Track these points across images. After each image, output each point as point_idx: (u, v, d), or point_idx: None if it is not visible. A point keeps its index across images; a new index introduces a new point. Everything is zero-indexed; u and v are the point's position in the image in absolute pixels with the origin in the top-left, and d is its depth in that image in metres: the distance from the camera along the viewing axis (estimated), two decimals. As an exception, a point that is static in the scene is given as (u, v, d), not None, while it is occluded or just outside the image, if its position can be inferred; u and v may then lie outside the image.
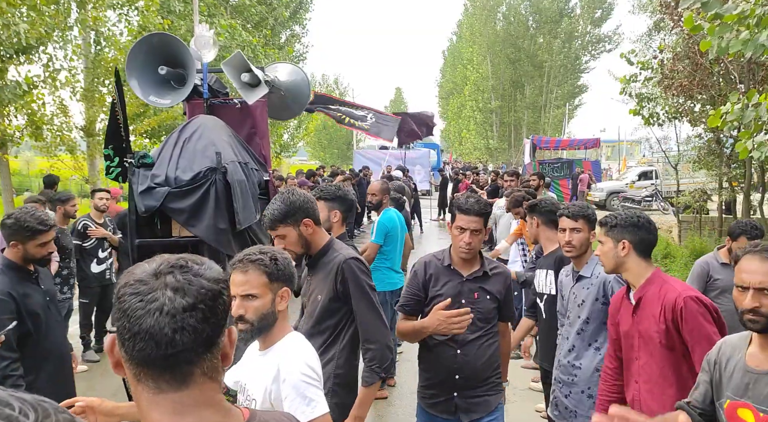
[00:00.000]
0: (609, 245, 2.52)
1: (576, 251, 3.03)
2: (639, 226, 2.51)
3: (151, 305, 0.92)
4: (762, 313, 1.75)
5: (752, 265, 1.79)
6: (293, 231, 2.48)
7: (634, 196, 20.57)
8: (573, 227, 3.02)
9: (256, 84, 4.14)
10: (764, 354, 1.82)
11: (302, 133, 24.40)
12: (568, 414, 2.96)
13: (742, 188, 11.14)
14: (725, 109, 5.71)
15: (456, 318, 2.52)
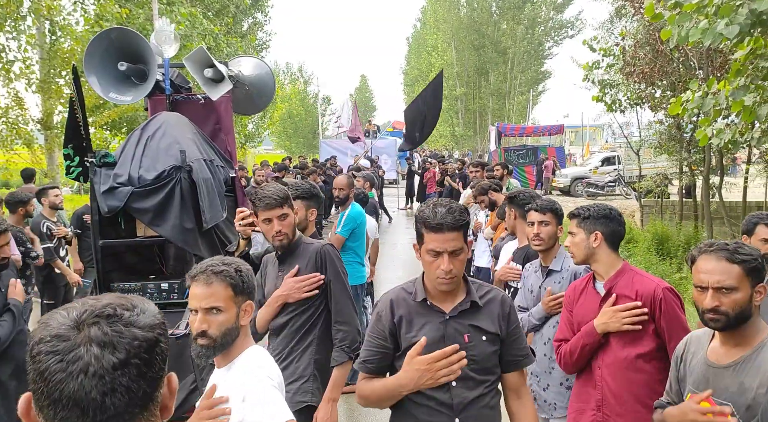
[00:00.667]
0: (581, 236, 2.55)
1: (544, 244, 3.04)
2: (611, 219, 2.57)
3: (74, 366, 0.77)
4: (722, 312, 1.78)
5: (709, 265, 1.81)
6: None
7: (597, 181, 20.98)
8: (541, 220, 3.05)
9: (219, 79, 4.05)
10: (724, 349, 1.87)
11: (267, 123, 24.10)
12: (547, 407, 2.98)
13: (702, 172, 11.45)
14: (686, 97, 5.84)
15: (442, 361, 1.85)
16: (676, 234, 12.72)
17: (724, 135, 6.01)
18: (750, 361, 1.78)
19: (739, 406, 1.77)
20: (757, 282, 1.79)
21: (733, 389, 1.79)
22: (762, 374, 1.73)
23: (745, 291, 1.77)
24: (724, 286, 1.77)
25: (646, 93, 12.68)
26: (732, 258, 1.78)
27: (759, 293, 1.79)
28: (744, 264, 1.77)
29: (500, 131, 23.20)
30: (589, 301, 2.58)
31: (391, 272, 9.98)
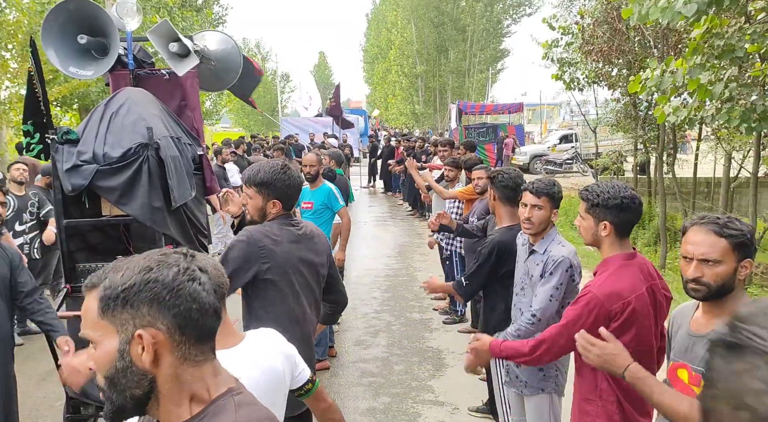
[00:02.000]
0: (590, 222, 2.37)
1: (534, 228, 2.90)
2: (623, 209, 2.31)
3: (207, 286, 1.09)
4: (703, 283, 1.83)
5: (698, 237, 1.84)
6: (259, 201, 2.64)
7: (555, 159, 21.38)
8: (534, 204, 2.88)
9: (185, 54, 3.93)
10: (705, 318, 1.93)
11: (225, 100, 23.52)
12: (518, 383, 3.04)
13: (656, 150, 11.80)
14: (645, 75, 5.98)
15: None
16: (631, 210, 13.11)
17: (680, 112, 6.20)
18: None
19: None
20: (743, 257, 1.82)
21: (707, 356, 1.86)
22: None
23: (729, 265, 1.80)
24: (708, 258, 1.81)
25: (604, 71, 12.90)
26: (720, 232, 1.81)
27: (744, 268, 1.82)
28: (731, 238, 1.80)
29: (461, 109, 23.28)
30: None
31: (355, 251, 10.00)
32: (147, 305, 1.03)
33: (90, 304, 1.11)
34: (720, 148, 11.16)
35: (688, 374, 1.91)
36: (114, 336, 1.05)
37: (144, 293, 1.03)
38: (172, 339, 1.05)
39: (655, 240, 11.77)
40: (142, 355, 1.04)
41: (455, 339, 6.00)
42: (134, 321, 1.04)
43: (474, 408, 4.49)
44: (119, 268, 1.07)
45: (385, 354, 5.64)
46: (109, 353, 1.05)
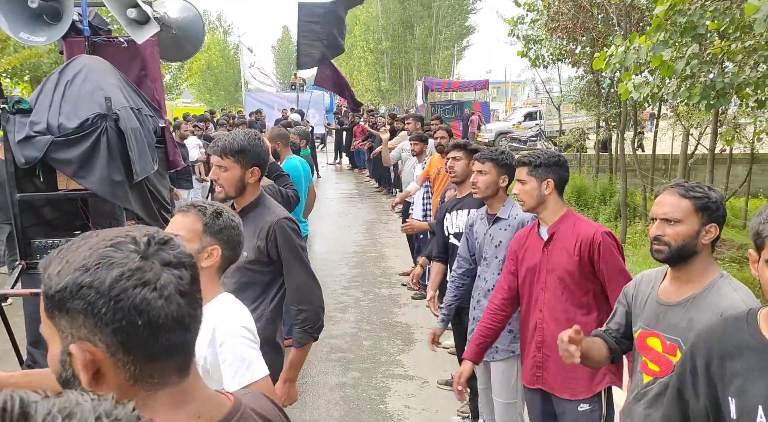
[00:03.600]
0: (533, 184, 2.58)
1: (480, 193, 3.10)
2: (560, 165, 2.63)
3: (166, 291, 0.82)
4: (664, 242, 1.86)
5: (663, 199, 1.91)
6: (238, 171, 2.41)
7: (520, 136, 21.60)
8: (479, 169, 3.10)
9: (144, 21, 3.76)
10: (673, 286, 1.95)
11: (186, 74, 22.86)
12: (491, 350, 3.10)
13: (617, 126, 12.01)
14: (610, 51, 6.02)
15: None
16: (593, 187, 13.39)
17: (643, 89, 6.30)
18: (701, 299, 1.86)
19: (687, 340, 1.83)
20: (708, 221, 1.86)
21: (683, 325, 1.87)
22: (714, 309, 1.80)
23: (690, 226, 1.85)
24: (669, 218, 1.86)
25: (568, 49, 13.01)
26: (684, 194, 1.86)
27: (708, 232, 1.86)
28: (695, 200, 1.85)
29: (427, 86, 23.22)
30: (533, 246, 2.66)
31: (321, 227, 9.95)
32: (82, 315, 0.79)
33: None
34: (679, 125, 11.42)
35: (661, 343, 1.94)
36: (57, 341, 0.83)
37: (77, 301, 0.79)
38: (115, 358, 0.82)
39: (615, 216, 12.04)
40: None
41: (424, 314, 6.02)
42: (71, 330, 0.81)
43: (443, 381, 4.53)
44: (62, 258, 0.83)
45: (354, 329, 5.64)
46: (54, 357, 0.84)
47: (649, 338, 1.97)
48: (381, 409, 4.18)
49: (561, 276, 2.54)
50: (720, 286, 1.86)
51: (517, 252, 2.73)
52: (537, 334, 2.68)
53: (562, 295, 2.55)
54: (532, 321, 2.69)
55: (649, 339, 1.97)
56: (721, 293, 1.83)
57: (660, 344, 1.93)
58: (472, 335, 3.12)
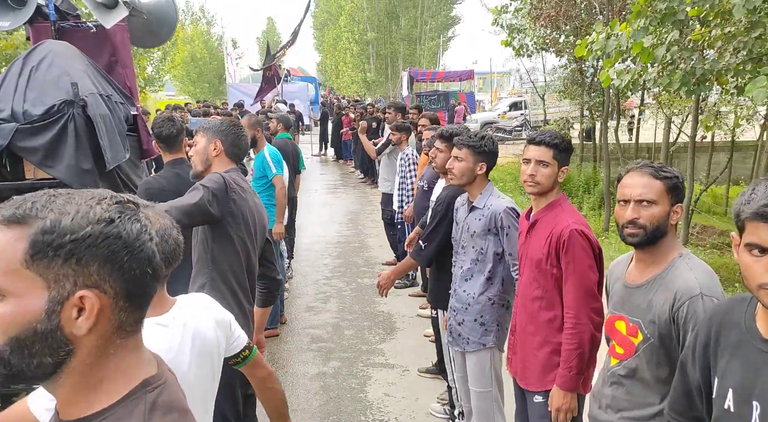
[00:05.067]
0: (554, 169, 2.45)
1: (456, 179, 3.00)
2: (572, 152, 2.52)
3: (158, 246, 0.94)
4: (640, 225, 1.83)
5: (633, 180, 1.87)
6: (203, 141, 2.60)
7: (505, 126, 21.62)
8: (456, 155, 3.00)
9: (113, 5, 3.66)
10: (639, 269, 1.94)
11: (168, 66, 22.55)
12: (461, 341, 3.07)
13: (600, 115, 12.03)
14: (591, 39, 6.01)
15: None
16: (577, 175, 13.43)
17: (624, 76, 6.29)
18: (660, 279, 1.85)
19: (646, 322, 1.85)
20: (676, 201, 1.85)
21: (643, 306, 1.86)
22: (669, 290, 1.80)
23: (663, 207, 1.83)
24: (645, 199, 1.83)
25: (552, 38, 13.00)
26: (655, 175, 1.84)
27: (675, 213, 1.85)
28: (666, 180, 1.83)
29: (412, 76, 23.14)
30: (522, 230, 2.61)
31: (306, 218, 9.88)
32: (99, 263, 0.84)
33: (6, 245, 0.83)
34: (661, 113, 11.46)
35: (626, 325, 1.93)
36: (40, 292, 0.83)
37: (101, 249, 0.84)
38: (116, 305, 0.88)
39: (599, 205, 12.09)
40: (77, 320, 0.85)
41: (406, 303, 6.01)
42: (76, 278, 0.84)
43: (423, 369, 4.52)
44: (63, 209, 0.84)
45: (335, 319, 5.61)
46: (28, 310, 0.83)
47: (617, 321, 1.96)
48: (361, 398, 4.16)
49: (533, 264, 2.49)
50: (678, 266, 1.84)
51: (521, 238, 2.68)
52: (513, 318, 2.67)
53: (531, 284, 2.51)
54: (514, 305, 2.69)
55: (617, 322, 1.96)
56: (677, 273, 1.82)
57: (624, 326, 1.93)
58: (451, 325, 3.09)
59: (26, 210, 0.84)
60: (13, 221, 0.84)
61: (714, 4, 5.30)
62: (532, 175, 2.45)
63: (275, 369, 4.59)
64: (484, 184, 3.02)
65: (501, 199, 2.97)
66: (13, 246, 0.83)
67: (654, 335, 1.82)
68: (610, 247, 8.81)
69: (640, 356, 1.87)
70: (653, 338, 1.83)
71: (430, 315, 5.38)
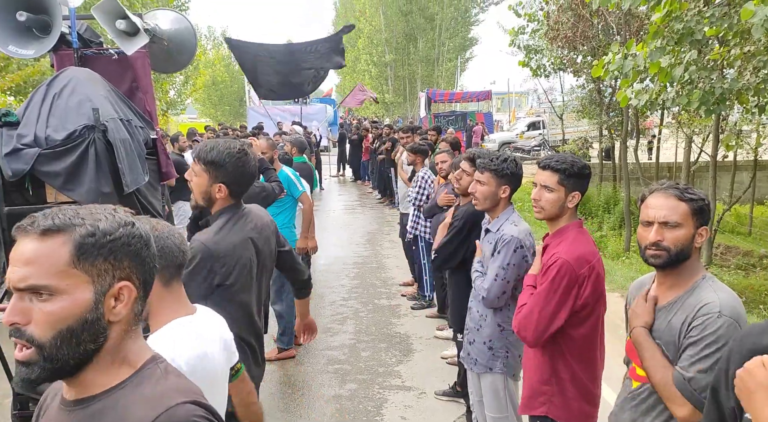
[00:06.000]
0: (560, 194, 2.37)
1: (480, 204, 2.92)
2: (588, 177, 2.45)
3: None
4: (663, 247, 1.80)
5: (658, 201, 1.83)
6: (205, 180, 2.36)
7: (523, 145, 21.57)
8: (478, 179, 2.93)
9: (134, 32, 3.75)
10: (660, 291, 1.90)
11: (190, 89, 23.02)
12: (470, 361, 3.05)
13: (619, 135, 11.95)
14: (607, 59, 5.99)
15: None
16: (597, 195, 13.32)
17: (642, 96, 6.25)
18: (682, 301, 1.81)
19: (666, 344, 1.81)
20: (701, 224, 1.81)
21: (662, 327, 1.83)
22: (687, 310, 1.77)
23: (688, 230, 1.79)
24: (669, 221, 1.79)
25: (569, 58, 13.02)
26: (680, 196, 1.80)
27: (701, 235, 1.81)
28: (692, 202, 1.79)
29: (430, 97, 23.27)
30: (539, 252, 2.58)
31: (324, 238, 9.90)
32: (129, 258, 1.04)
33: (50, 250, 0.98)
34: (681, 133, 11.35)
35: None
36: (87, 286, 1.00)
37: (131, 247, 1.04)
38: (138, 294, 1.07)
39: (620, 225, 11.95)
40: (115, 308, 1.03)
41: (423, 324, 5.97)
42: (114, 272, 1.03)
43: (440, 391, 4.46)
44: (94, 216, 1.03)
45: (352, 340, 5.58)
46: (80, 304, 0.99)
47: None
48: (377, 421, 4.11)
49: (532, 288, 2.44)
50: (701, 287, 1.80)
51: None
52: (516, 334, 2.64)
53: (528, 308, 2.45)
54: None
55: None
56: (701, 294, 1.78)
57: None
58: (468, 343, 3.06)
59: (62, 220, 1.00)
60: (53, 230, 1.00)
61: (732, 24, 5.27)
62: (536, 200, 2.41)
63: (291, 391, 4.57)
64: (505, 207, 2.95)
65: (514, 226, 2.86)
66: (59, 251, 0.99)
67: (674, 357, 1.78)
68: (631, 268, 8.67)
69: None
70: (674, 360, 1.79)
71: (447, 337, 5.35)
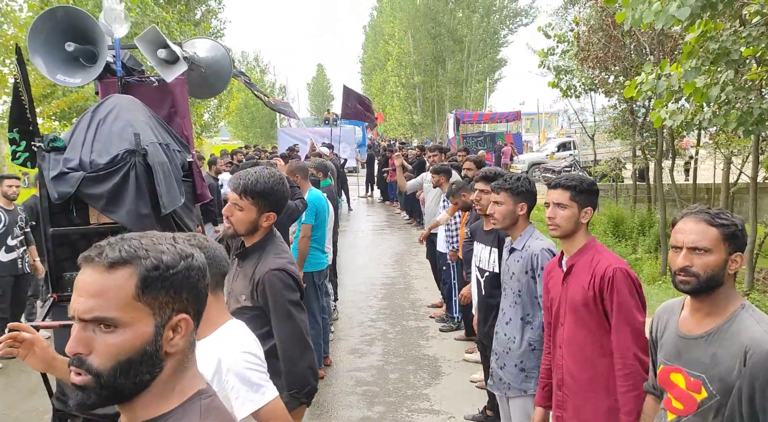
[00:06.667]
0: (573, 210, 2.46)
1: (499, 223, 3.03)
2: (598, 193, 2.56)
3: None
4: (692, 272, 1.77)
5: (688, 226, 1.81)
6: (254, 213, 2.32)
7: (554, 166, 21.35)
8: (495, 200, 3.03)
9: (173, 60, 3.89)
10: (694, 319, 1.85)
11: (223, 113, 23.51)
12: (502, 386, 3.04)
13: (654, 156, 11.76)
14: (640, 79, 5.95)
15: None
16: (631, 217, 13.07)
17: (677, 117, 6.17)
18: (723, 332, 1.76)
19: (711, 378, 1.75)
20: (734, 250, 1.78)
21: (705, 360, 1.77)
22: (737, 344, 1.71)
23: (718, 256, 1.76)
24: (698, 246, 1.77)
25: (600, 78, 12.91)
26: (711, 222, 1.78)
27: (734, 262, 1.78)
28: (722, 228, 1.76)
29: (458, 118, 23.32)
30: (556, 278, 2.58)
31: (352, 259, 9.94)
32: (187, 290, 1.04)
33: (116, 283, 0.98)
34: (719, 153, 11.12)
35: (685, 379, 1.84)
36: (149, 319, 1.01)
37: (190, 280, 1.04)
38: (194, 325, 1.09)
39: (655, 247, 11.69)
40: (172, 340, 1.03)
41: (452, 346, 5.92)
42: (173, 304, 1.03)
43: (470, 416, 4.41)
44: (158, 248, 1.02)
45: (380, 362, 5.57)
46: (141, 336, 1.00)
47: (672, 373, 1.87)
48: (407, 446, 4.08)
49: (577, 311, 2.43)
50: (742, 318, 1.76)
51: (547, 285, 2.66)
52: (557, 372, 2.56)
53: (579, 331, 2.43)
54: (555, 358, 2.59)
55: (672, 374, 1.87)
56: (743, 326, 1.73)
57: (683, 380, 1.83)
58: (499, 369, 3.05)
59: (128, 252, 1.00)
60: (120, 263, 1.00)
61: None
62: (551, 218, 2.48)
63: (320, 412, 4.58)
64: (525, 226, 3.04)
65: (540, 241, 2.97)
66: (125, 284, 0.99)
67: (721, 392, 1.73)
68: (667, 292, 8.47)
69: (703, 413, 1.77)
70: (719, 395, 1.73)
71: (476, 361, 5.29)
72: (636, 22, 5.65)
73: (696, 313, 1.86)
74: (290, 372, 2.21)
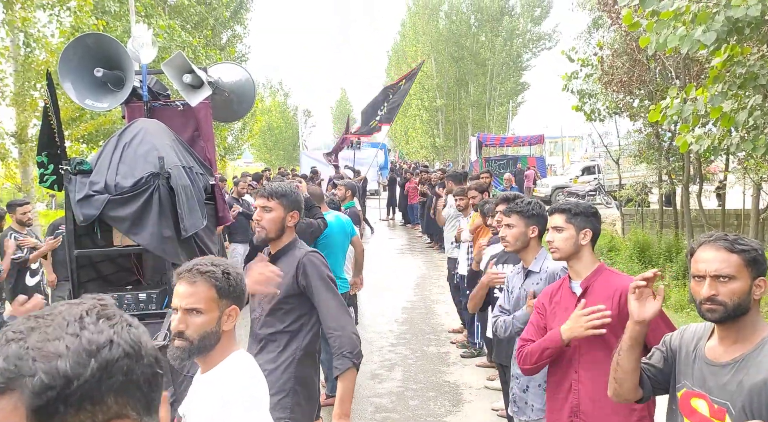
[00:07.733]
0: (570, 232, 2.53)
1: (510, 246, 3.09)
2: (597, 217, 2.61)
3: None
4: (719, 301, 1.74)
5: (708, 254, 1.78)
6: (281, 212, 2.68)
7: (578, 190, 21.12)
8: (506, 223, 3.10)
9: (198, 85, 3.97)
10: (722, 346, 1.82)
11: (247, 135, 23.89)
12: (526, 408, 2.99)
13: (681, 180, 11.57)
14: (665, 103, 5.88)
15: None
16: (657, 242, 12.82)
17: (703, 141, 6.07)
18: (751, 360, 1.73)
19: (736, 405, 1.71)
20: (757, 275, 1.75)
21: (732, 388, 1.73)
22: (764, 372, 1.67)
23: (743, 282, 1.73)
24: (721, 274, 1.74)
25: (625, 102, 12.82)
26: (731, 248, 1.75)
27: (758, 287, 1.75)
28: (743, 254, 1.74)
29: (481, 141, 23.33)
30: (565, 301, 2.53)
31: (373, 283, 9.89)
32: (114, 393, 0.73)
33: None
34: (748, 178, 10.89)
35: (708, 406, 1.80)
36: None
37: (113, 378, 0.71)
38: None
39: (683, 274, 11.42)
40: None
41: (473, 373, 5.82)
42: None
43: (492, 447, 4.30)
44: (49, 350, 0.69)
45: (400, 388, 5.48)
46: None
47: (694, 399, 1.83)
48: (427, 476, 3.99)
49: None
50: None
51: (547, 308, 2.61)
52: (572, 397, 2.49)
53: (599, 353, 2.38)
54: (566, 382, 2.52)
55: (694, 400, 1.83)
56: None
57: (707, 407, 1.79)
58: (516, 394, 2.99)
59: (7, 370, 0.69)
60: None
61: (798, 68, 5.11)
62: (550, 241, 2.56)
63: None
64: (537, 249, 3.11)
65: (556, 263, 2.96)
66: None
67: (743, 417, 1.69)
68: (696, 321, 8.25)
69: None
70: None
71: (498, 388, 5.18)
72: (660, 47, 5.60)
73: (723, 341, 1.82)
74: (342, 335, 2.51)
